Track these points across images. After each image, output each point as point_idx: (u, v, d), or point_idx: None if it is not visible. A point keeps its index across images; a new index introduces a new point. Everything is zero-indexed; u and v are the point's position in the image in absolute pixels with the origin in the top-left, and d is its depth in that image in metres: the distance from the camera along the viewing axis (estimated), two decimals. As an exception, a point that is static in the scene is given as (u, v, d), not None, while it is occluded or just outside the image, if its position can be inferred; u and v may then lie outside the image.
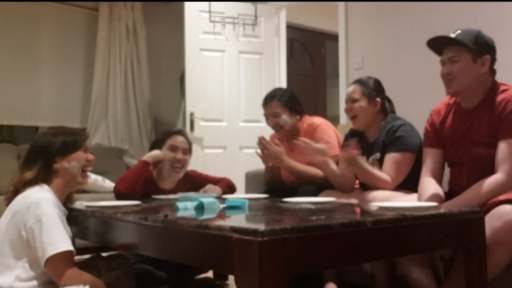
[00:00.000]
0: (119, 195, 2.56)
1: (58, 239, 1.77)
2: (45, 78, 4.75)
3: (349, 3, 4.04)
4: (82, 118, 4.92)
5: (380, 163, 2.48)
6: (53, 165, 1.98)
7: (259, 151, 2.84)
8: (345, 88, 4.02)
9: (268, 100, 2.99)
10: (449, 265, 2.00)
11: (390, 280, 2.28)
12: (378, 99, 2.58)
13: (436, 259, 2.08)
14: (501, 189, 1.96)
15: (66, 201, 2.09)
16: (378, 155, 2.52)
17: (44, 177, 1.96)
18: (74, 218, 2.05)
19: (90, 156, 2.08)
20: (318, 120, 2.99)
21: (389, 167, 2.41)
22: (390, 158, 2.43)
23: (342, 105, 4.03)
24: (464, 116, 2.19)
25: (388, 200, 2.14)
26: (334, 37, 4.73)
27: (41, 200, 1.82)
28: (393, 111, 2.71)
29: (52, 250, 1.74)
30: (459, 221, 1.68)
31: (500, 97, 2.08)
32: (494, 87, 2.14)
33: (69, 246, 1.78)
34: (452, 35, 2.14)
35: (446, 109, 2.29)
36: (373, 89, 2.60)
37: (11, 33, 4.55)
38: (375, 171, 2.42)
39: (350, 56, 4.03)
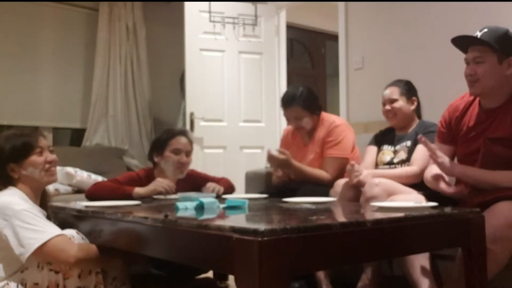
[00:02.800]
0: (88, 198, 2.51)
1: (38, 231, 1.76)
2: (45, 78, 4.75)
3: (349, 3, 4.04)
4: (82, 118, 4.92)
5: (409, 149, 2.57)
6: (9, 172, 1.92)
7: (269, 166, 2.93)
8: (345, 88, 4.04)
9: (288, 103, 2.95)
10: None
11: (376, 279, 2.28)
12: (414, 98, 2.71)
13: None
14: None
15: (42, 200, 2.04)
16: (408, 143, 2.60)
17: (5, 183, 1.92)
18: (73, 218, 2.05)
19: (50, 157, 1.97)
20: (339, 120, 3.01)
21: (420, 156, 2.46)
22: (421, 148, 2.44)
23: (342, 105, 4.08)
24: (484, 115, 2.14)
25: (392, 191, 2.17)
26: (334, 37, 4.72)
27: (6, 202, 1.81)
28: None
29: (35, 244, 1.73)
30: (459, 221, 1.68)
31: None
32: None
33: (52, 234, 1.77)
34: (478, 34, 2.07)
35: (465, 105, 2.24)
36: (408, 90, 2.71)
37: (11, 33, 4.55)
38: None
39: (350, 56, 4.03)
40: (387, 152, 2.67)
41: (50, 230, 1.79)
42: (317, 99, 3.02)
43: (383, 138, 2.76)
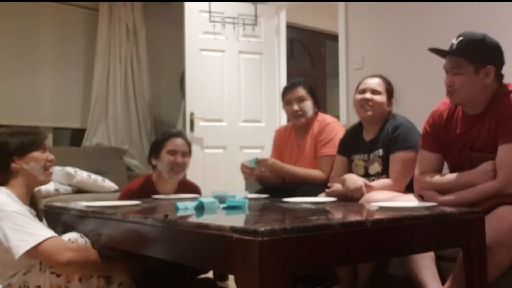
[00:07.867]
0: None
1: (29, 233, 1.75)
2: (45, 78, 4.75)
3: (349, 3, 4.04)
4: (82, 118, 4.92)
5: (382, 160, 2.48)
6: (10, 165, 1.95)
7: (247, 175, 2.90)
8: (345, 88, 4.04)
9: (294, 85, 3.01)
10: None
11: (371, 277, 2.28)
12: (393, 101, 2.62)
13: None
14: (494, 195, 1.95)
15: (32, 200, 2.05)
16: (380, 151, 2.50)
17: (2, 177, 1.94)
18: (73, 218, 2.05)
19: (50, 156, 2.04)
20: (329, 119, 3.01)
21: (397, 167, 2.41)
22: (397, 158, 2.41)
23: (343, 105, 4.07)
24: (469, 122, 2.11)
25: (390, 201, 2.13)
26: (334, 37, 4.73)
27: None
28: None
29: (25, 246, 1.73)
30: (459, 221, 1.68)
31: (503, 101, 2.01)
32: (499, 92, 2.04)
33: (43, 236, 1.76)
34: (454, 42, 2.06)
35: (449, 112, 2.20)
36: (392, 89, 2.63)
37: (11, 33, 4.55)
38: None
39: (350, 56, 4.03)
40: (360, 162, 2.59)
41: (42, 232, 1.78)
42: (317, 96, 3.07)
43: (352, 146, 2.65)
